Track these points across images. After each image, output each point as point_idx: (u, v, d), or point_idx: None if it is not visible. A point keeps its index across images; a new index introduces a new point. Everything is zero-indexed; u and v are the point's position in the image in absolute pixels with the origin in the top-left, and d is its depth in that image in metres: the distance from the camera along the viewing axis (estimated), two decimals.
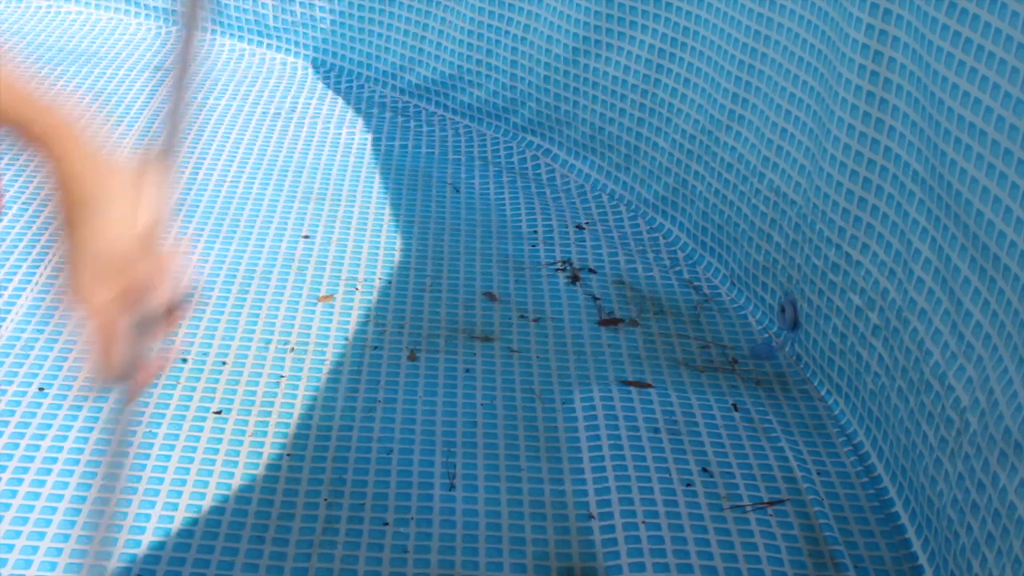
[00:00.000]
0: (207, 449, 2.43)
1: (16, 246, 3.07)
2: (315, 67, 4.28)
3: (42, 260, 3.01)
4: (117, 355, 0.96)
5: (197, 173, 3.52)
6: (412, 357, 2.76)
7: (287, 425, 2.52)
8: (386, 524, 2.27)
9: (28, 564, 2.13)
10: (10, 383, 2.57)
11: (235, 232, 3.22)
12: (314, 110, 3.98)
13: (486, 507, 2.33)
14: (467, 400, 2.63)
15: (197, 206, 3.33)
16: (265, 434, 2.49)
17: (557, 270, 3.14)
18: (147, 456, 2.40)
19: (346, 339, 2.81)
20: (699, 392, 2.70)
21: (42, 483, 2.31)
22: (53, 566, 2.13)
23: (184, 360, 2.69)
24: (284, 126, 3.87)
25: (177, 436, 2.46)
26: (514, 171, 3.66)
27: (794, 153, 2.79)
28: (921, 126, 2.30)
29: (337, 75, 4.22)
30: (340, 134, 3.83)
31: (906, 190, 2.38)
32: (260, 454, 2.43)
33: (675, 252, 3.26)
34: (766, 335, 2.93)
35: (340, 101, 4.05)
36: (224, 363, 2.69)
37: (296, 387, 2.64)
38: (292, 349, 2.76)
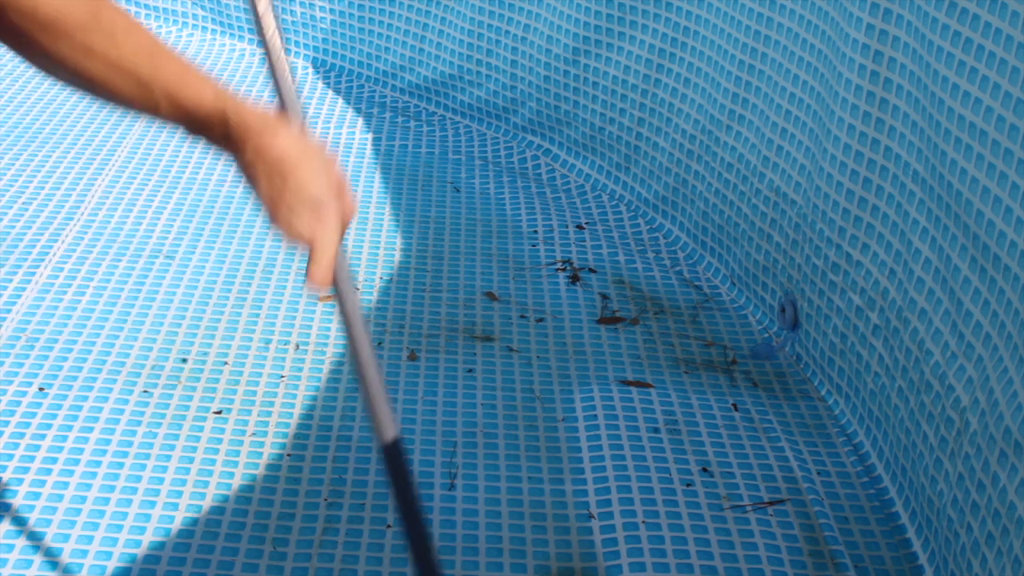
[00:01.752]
0: (207, 449, 2.43)
1: (16, 246, 3.07)
2: (315, 67, 4.28)
3: (42, 260, 3.01)
4: (331, 269, 1.35)
5: (197, 173, 3.52)
6: (412, 357, 2.76)
7: (287, 425, 2.52)
8: (388, 526, 2.27)
9: (28, 564, 2.13)
10: (10, 383, 2.57)
11: (235, 232, 3.22)
12: (314, 110, 3.99)
13: (486, 507, 2.33)
14: (467, 400, 2.63)
15: (197, 206, 3.33)
16: (265, 434, 2.49)
17: (557, 270, 3.14)
18: (147, 456, 2.40)
19: (347, 339, 2.81)
20: (699, 392, 2.70)
21: (42, 483, 2.31)
22: (53, 566, 2.13)
23: (184, 360, 2.69)
24: None
25: (177, 436, 2.46)
26: (514, 171, 3.66)
27: (794, 153, 2.79)
28: (921, 126, 2.30)
29: (337, 75, 4.23)
30: (340, 134, 3.83)
31: (906, 190, 2.38)
32: (260, 454, 2.43)
33: (675, 252, 3.26)
34: (766, 335, 2.93)
35: (340, 101, 4.06)
36: (224, 363, 2.69)
37: (296, 387, 2.64)
38: (296, 348, 2.76)
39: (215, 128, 1.27)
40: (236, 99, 1.27)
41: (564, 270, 3.14)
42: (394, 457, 1.49)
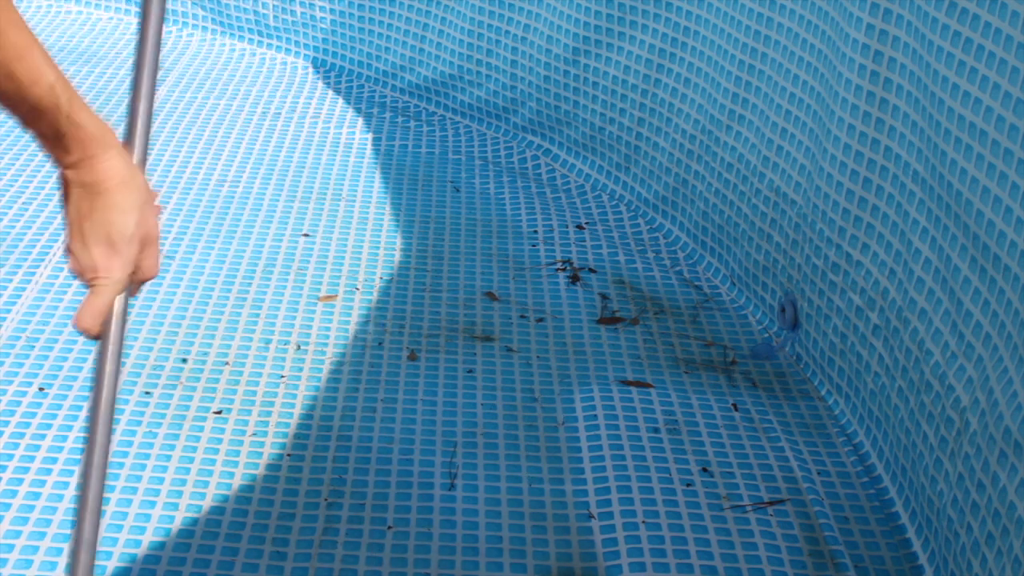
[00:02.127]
0: (207, 449, 2.43)
1: (16, 246, 3.07)
2: (315, 67, 4.28)
3: (42, 260, 3.01)
4: (108, 312, 1.23)
5: (197, 173, 3.52)
6: (412, 357, 2.76)
7: (287, 425, 2.52)
8: (389, 527, 2.27)
9: (28, 564, 2.13)
10: (10, 383, 2.57)
11: (235, 232, 3.22)
12: (314, 110, 3.99)
13: (486, 507, 2.33)
14: (467, 400, 2.63)
15: (197, 206, 3.33)
16: (265, 434, 2.49)
17: (558, 270, 3.14)
18: (147, 456, 2.40)
19: (347, 339, 2.81)
20: (699, 392, 2.70)
21: (42, 483, 2.31)
22: (53, 566, 2.13)
23: (184, 360, 2.69)
24: (284, 126, 3.87)
25: (177, 436, 2.46)
26: (514, 171, 3.66)
27: (794, 153, 2.79)
28: (921, 126, 2.30)
29: (337, 75, 4.23)
30: (340, 134, 3.83)
31: (906, 190, 2.38)
32: (260, 454, 2.43)
33: (675, 252, 3.26)
34: (766, 335, 2.93)
35: (340, 101, 4.05)
36: (224, 363, 2.69)
37: (296, 387, 2.64)
38: (296, 348, 2.76)
39: (45, 117, 1.16)
40: (78, 99, 1.18)
41: (564, 270, 3.14)
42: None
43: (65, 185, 1.20)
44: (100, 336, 1.26)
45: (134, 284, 1.24)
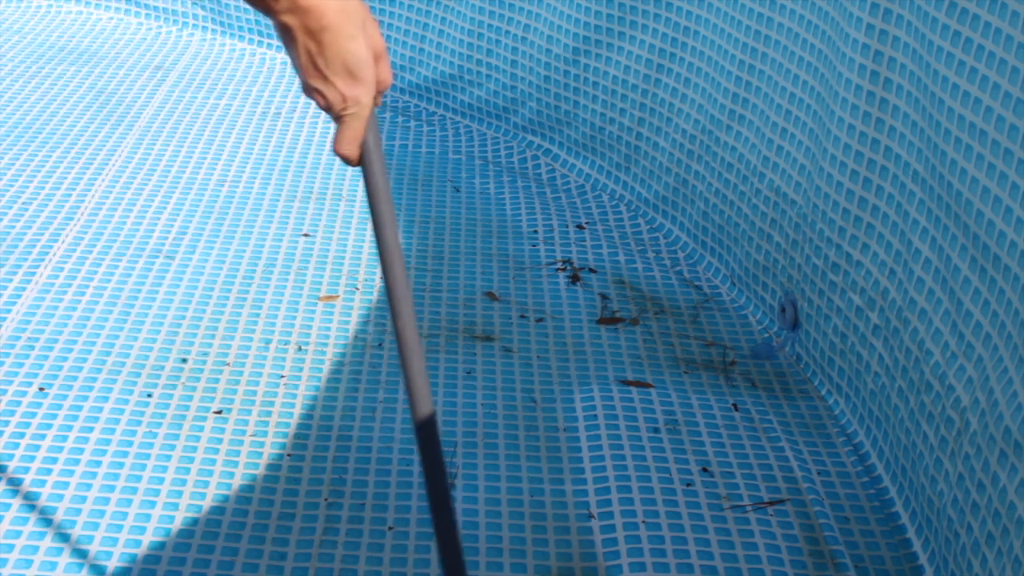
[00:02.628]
0: (207, 449, 2.43)
1: (16, 246, 3.07)
2: None
3: (42, 260, 3.01)
4: (360, 139, 1.32)
5: (197, 173, 3.52)
6: None
7: (287, 425, 2.52)
8: (389, 527, 2.27)
9: (28, 564, 2.13)
10: (10, 383, 2.57)
11: (235, 232, 3.22)
12: (314, 110, 3.99)
13: (486, 507, 2.33)
14: (467, 400, 2.63)
15: (197, 206, 3.33)
16: (265, 434, 2.49)
17: (558, 270, 3.14)
18: (147, 456, 2.40)
19: (347, 339, 2.81)
20: (699, 392, 2.70)
21: (42, 483, 2.31)
22: (53, 566, 2.13)
23: (184, 360, 2.69)
24: (284, 126, 3.87)
25: (177, 436, 2.46)
26: (514, 171, 3.66)
27: (794, 153, 2.79)
28: (921, 126, 2.30)
29: None
30: None
31: (906, 190, 2.38)
32: (260, 454, 2.43)
33: (675, 252, 3.26)
34: (766, 335, 2.93)
35: None
36: (224, 363, 2.69)
37: (297, 387, 2.64)
38: (297, 348, 2.76)
39: None
40: None
41: (564, 270, 3.14)
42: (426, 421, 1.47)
43: (285, 33, 1.25)
44: (360, 161, 1.34)
45: (377, 96, 1.31)
